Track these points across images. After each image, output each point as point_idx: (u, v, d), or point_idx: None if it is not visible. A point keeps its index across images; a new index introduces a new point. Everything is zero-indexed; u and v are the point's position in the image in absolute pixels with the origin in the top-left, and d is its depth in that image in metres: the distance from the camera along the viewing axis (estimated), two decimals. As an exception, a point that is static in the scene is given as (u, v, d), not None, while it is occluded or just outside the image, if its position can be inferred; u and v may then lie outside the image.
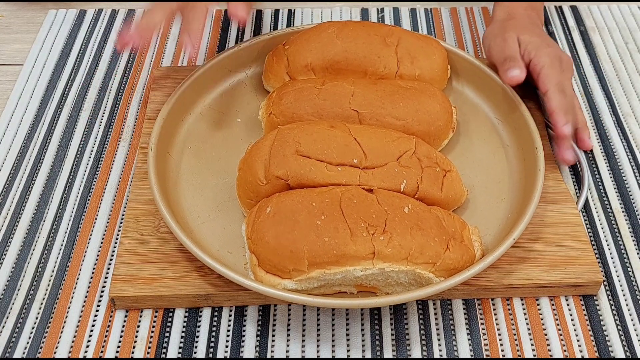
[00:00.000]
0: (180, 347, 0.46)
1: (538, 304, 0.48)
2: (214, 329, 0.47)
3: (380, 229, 0.43)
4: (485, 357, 0.45)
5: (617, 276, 0.50)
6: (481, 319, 0.47)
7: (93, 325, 0.47)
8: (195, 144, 0.57)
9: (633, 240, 0.52)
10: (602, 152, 0.59)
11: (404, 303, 0.48)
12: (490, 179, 0.54)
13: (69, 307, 0.48)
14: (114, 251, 0.52)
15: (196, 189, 0.53)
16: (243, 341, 0.46)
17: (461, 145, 0.57)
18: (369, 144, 0.48)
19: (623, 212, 0.55)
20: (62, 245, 0.52)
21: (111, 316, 0.47)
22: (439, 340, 0.46)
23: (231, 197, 0.52)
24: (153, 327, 0.47)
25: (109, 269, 0.51)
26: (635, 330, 0.47)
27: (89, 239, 0.52)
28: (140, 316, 0.47)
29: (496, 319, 0.47)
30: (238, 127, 0.59)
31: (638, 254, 0.52)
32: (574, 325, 0.47)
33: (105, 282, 0.50)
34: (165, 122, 0.55)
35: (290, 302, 0.46)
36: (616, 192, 0.56)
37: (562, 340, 0.46)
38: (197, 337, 0.47)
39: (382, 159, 0.48)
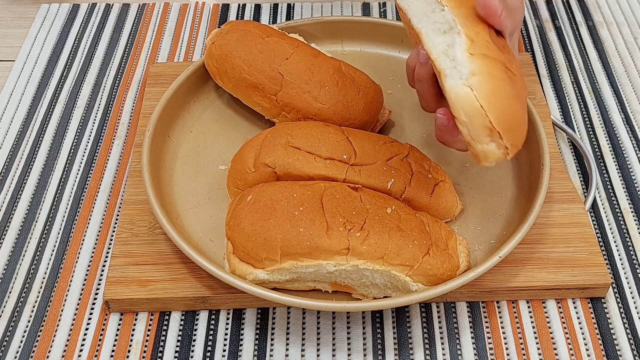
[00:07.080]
0: (176, 352, 0.45)
1: (544, 307, 0.47)
2: (211, 332, 0.46)
3: (358, 226, 0.42)
4: (490, 362, 0.45)
5: (626, 278, 0.49)
6: (486, 322, 0.46)
7: (87, 329, 0.46)
8: (198, 129, 0.57)
9: (642, 241, 0.52)
10: (610, 151, 0.58)
11: (406, 306, 0.47)
12: (491, 193, 0.52)
13: (61, 311, 0.47)
14: (108, 252, 0.51)
15: (190, 174, 0.53)
16: (241, 345, 0.46)
17: (467, 154, 0.55)
18: (360, 144, 0.49)
19: (632, 212, 0.54)
20: (54, 246, 0.51)
21: (105, 319, 0.47)
22: (442, 344, 0.45)
23: (223, 186, 0.52)
24: (148, 330, 0.46)
25: (103, 271, 0.50)
26: (644, 334, 0.46)
27: (83, 240, 0.51)
28: (135, 319, 0.47)
29: (501, 322, 0.46)
30: (245, 118, 0.58)
31: (647, 255, 0.51)
32: (581, 328, 0.46)
33: (99, 284, 0.49)
34: (168, 103, 0.55)
35: (289, 305, 0.45)
36: (625, 192, 0.55)
37: (569, 344, 0.45)
38: (194, 341, 0.46)
39: (372, 157, 0.48)
